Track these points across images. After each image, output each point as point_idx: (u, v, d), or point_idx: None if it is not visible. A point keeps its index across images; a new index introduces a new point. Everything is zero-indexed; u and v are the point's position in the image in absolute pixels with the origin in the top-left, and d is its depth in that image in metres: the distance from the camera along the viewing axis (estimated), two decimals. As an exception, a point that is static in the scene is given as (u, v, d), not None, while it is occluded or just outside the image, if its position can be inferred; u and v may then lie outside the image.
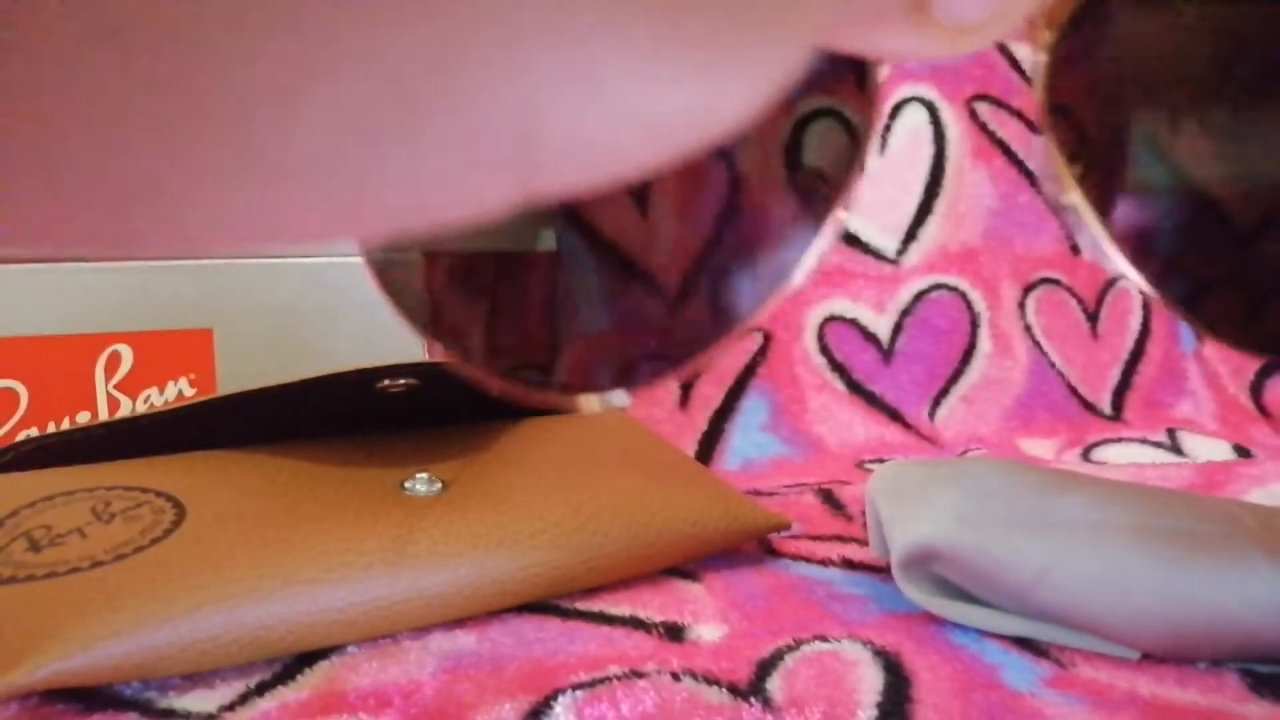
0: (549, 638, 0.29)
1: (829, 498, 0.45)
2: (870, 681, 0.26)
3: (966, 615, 0.30)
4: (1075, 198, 0.15)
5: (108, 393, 0.38)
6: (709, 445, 0.53)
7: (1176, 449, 0.55)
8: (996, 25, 0.11)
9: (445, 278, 0.15)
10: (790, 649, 0.28)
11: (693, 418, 0.55)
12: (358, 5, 0.08)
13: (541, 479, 0.34)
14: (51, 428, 0.38)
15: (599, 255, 0.16)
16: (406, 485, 0.32)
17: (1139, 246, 0.15)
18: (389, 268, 0.15)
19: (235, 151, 0.08)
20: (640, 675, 0.26)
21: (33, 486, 0.29)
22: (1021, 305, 0.63)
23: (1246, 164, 0.16)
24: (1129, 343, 0.64)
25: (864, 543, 0.38)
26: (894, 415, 0.58)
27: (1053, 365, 0.62)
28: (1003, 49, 0.65)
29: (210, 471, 0.31)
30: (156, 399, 0.39)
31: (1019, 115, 0.64)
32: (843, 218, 0.14)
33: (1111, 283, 0.65)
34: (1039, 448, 0.56)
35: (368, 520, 0.30)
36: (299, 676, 0.27)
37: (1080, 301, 0.64)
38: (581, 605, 0.32)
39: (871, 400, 0.58)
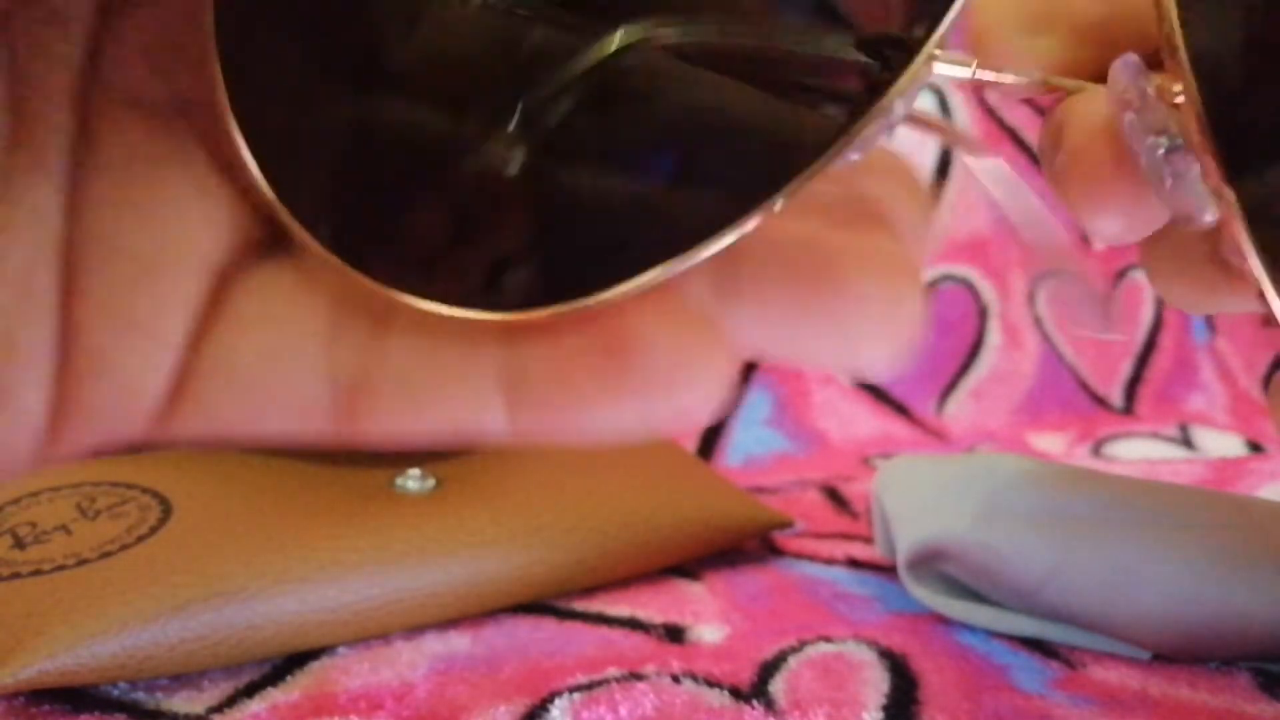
0: (545, 639, 0.29)
1: (833, 494, 0.44)
2: (876, 683, 0.26)
3: (975, 615, 0.29)
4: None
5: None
6: (710, 440, 0.53)
7: (1188, 443, 0.54)
8: None
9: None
10: (794, 650, 0.28)
11: (695, 411, 0.54)
12: None
13: (538, 475, 0.33)
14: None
15: None
16: (398, 482, 0.32)
17: None
18: None
19: None
20: (639, 677, 0.26)
21: (17, 483, 0.29)
22: (1031, 296, 0.62)
23: None
24: (1141, 335, 0.63)
25: (869, 541, 0.37)
26: (901, 409, 0.57)
27: (1063, 358, 0.61)
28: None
29: (197, 468, 0.31)
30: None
31: (1028, 101, 0.63)
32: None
33: (1123, 273, 0.64)
34: (1049, 442, 0.55)
35: (358, 518, 0.30)
36: (288, 678, 0.27)
37: (1090, 293, 0.63)
38: (579, 605, 0.31)
39: (877, 394, 0.57)
